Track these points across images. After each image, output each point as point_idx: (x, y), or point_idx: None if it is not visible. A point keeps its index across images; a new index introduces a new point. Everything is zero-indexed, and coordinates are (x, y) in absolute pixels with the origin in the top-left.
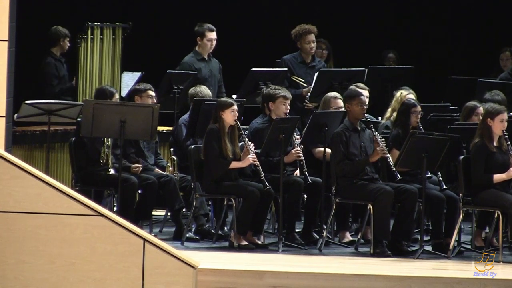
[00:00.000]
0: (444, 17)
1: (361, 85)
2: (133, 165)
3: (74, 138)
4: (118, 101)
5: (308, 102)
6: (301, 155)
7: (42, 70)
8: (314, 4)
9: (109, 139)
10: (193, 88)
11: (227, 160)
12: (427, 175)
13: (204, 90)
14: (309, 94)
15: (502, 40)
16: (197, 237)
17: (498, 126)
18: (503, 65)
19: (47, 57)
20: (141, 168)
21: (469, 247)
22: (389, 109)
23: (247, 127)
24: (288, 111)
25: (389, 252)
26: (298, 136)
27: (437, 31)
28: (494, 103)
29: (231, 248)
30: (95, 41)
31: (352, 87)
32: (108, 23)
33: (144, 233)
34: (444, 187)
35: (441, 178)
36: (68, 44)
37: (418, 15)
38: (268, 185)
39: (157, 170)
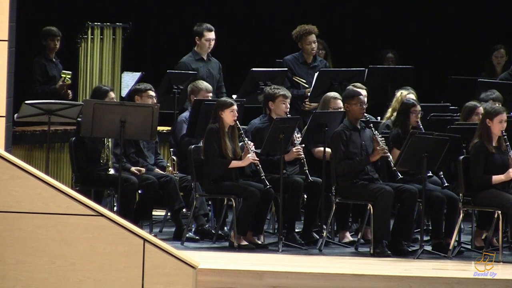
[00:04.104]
0: (444, 16)
1: (359, 84)
2: (133, 168)
3: (74, 138)
4: (114, 99)
5: (308, 102)
6: (302, 153)
7: (29, 69)
8: (314, 4)
9: (110, 139)
10: (190, 85)
11: (227, 159)
12: (427, 174)
13: (201, 84)
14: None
15: (495, 37)
16: (197, 237)
17: (497, 127)
18: (496, 63)
19: (38, 56)
20: (143, 171)
21: (469, 247)
22: (390, 109)
23: (246, 127)
24: (288, 110)
25: (389, 252)
26: (299, 135)
27: (436, 31)
28: (490, 100)
29: (231, 248)
30: (95, 41)
31: (350, 87)
32: (108, 23)
33: (144, 233)
34: (446, 184)
35: (442, 176)
36: (57, 44)
37: (417, 15)
38: (268, 184)
39: (157, 170)
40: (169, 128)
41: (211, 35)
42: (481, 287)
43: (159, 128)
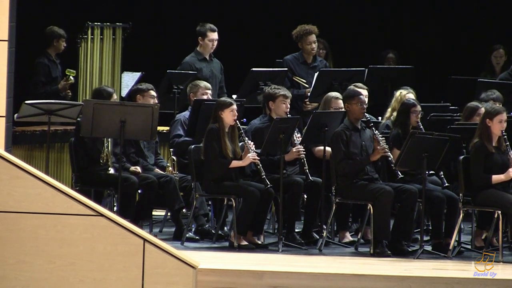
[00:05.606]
0: (444, 16)
1: (360, 84)
2: (132, 167)
3: (74, 138)
4: (118, 101)
5: (308, 102)
6: (302, 152)
7: (33, 70)
8: (314, 4)
9: (110, 139)
10: (188, 85)
11: (227, 159)
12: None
13: (200, 82)
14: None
15: (495, 37)
16: (197, 237)
17: (497, 127)
18: (495, 63)
19: (41, 57)
20: (139, 171)
21: (469, 247)
22: (389, 109)
23: (246, 127)
24: (288, 110)
25: (389, 252)
26: (299, 135)
27: (437, 31)
28: (490, 100)
29: (231, 248)
30: (95, 41)
31: (351, 87)
32: (108, 23)
33: (144, 233)
34: (446, 184)
35: (443, 176)
36: (64, 45)
37: (417, 15)
38: (269, 183)
39: (157, 170)
40: (169, 128)
41: (215, 35)
42: (481, 287)
43: (159, 128)
